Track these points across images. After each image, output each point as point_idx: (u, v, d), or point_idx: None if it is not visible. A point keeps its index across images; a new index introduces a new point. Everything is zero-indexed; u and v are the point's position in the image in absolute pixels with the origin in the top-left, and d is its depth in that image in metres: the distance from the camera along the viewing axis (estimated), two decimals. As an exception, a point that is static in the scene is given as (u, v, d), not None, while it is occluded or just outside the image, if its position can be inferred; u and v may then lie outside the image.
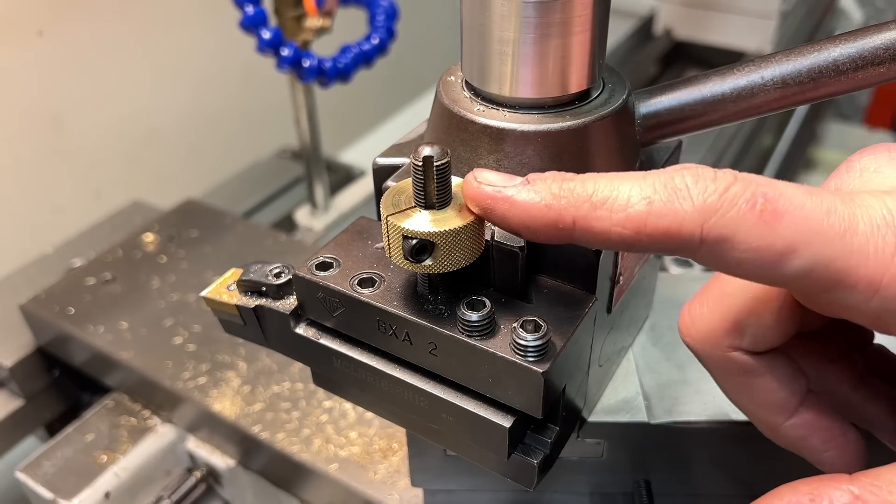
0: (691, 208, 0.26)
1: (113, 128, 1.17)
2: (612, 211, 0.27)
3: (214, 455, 0.62)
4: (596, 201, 0.27)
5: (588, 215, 0.27)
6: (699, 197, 0.26)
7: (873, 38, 0.32)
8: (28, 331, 0.71)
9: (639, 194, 0.27)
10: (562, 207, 0.28)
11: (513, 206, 0.29)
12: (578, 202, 0.28)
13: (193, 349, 0.65)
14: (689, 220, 0.26)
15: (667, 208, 0.26)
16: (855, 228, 0.26)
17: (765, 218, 0.26)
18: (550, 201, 0.28)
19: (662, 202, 0.27)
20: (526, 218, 0.28)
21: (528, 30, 0.32)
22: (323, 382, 0.40)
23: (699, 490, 0.46)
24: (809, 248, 0.26)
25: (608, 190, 0.27)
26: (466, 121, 0.34)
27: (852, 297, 0.26)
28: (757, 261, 0.26)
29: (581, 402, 0.39)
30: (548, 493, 0.47)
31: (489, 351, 0.31)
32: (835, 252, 0.26)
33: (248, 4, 0.76)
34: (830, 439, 0.34)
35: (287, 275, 0.38)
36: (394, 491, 0.53)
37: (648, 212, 0.27)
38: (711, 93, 0.35)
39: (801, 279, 0.27)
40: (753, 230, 0.26)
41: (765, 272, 0.27)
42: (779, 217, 0.26)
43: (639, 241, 0.27)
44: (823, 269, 0.26)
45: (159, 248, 0.76)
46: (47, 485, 0.60)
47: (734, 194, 0.26)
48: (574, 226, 0.28)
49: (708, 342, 0.34)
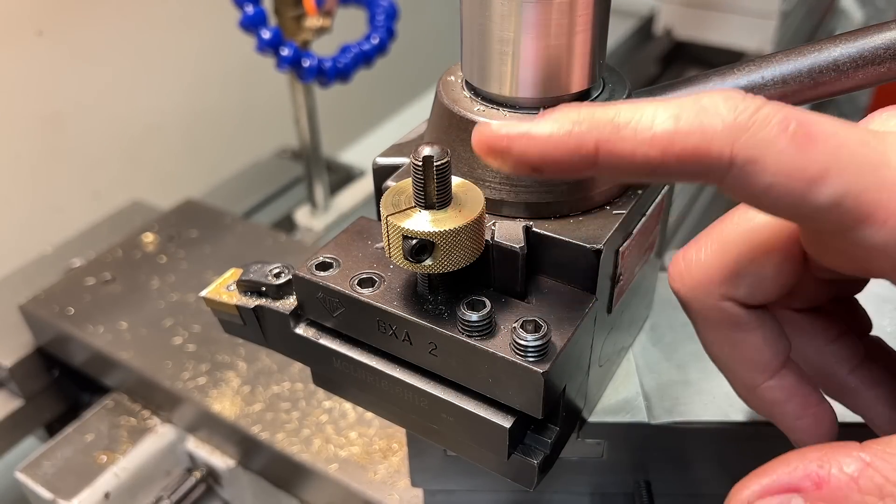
0: (721, 126, 0.25)
1: (112, 127, 1.17)
2: (636, 131, 0.26)
3: (214, 455, 0.62)
4: (619, 122, 0.26)
5: (611, 137, 0.26)
6: (730, 115, 0.25)
7: (874, 38, 0.32)
8: (28, 331, 0.71)
9: (665, 112, 0.25)
10: (583, 132, 0.26)
11: (531, 140, 0.27)
12: (600, 125, 0.26)
13: (193, 349, 0.65)
14: (718, 138, 0.25)
15: (695, 125, 0.25)
16: (888, 163, 0.25)
17: (798, 140, 0.25)
18: (570, 128, 0.26)
19: (691, 119, 0.25)
20: (546, 150, 0.27)
21: (528, 29, 0.32)
22: (323, 382, 0.40)
23: (699, 490, 0.46)
24: (842, 175, 0.25)
25: (631, 112, 0.26)
26: (466, 121, 0.34)
27: (879, 234, 0.25)
28: (787, 186, 0.25)
29: (581, 403, 0.39)
30: (548, 493, 0.47)
31: (489, 351, 0.31)
32: (867, 183, 0.25)
33: (248, 4, 0.76)
34: (807, 406, 0.33)
35: (287, 275, 0.38)
36: (394, 491, 0.53)
37: (675, 129, 0.25)
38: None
39: (828, 210, 0.25)
40: (786, 152, 0.25)
41: (793, 200, 0.25)
42: (812, 140, 0.25)
43: (665, 163, 0.26)
44: (853, 200, 0.25)
45: (159, 248, 0.76)
46: (47, 485, 0.60)
47: (766, 115, 0.25)
48: (597, 151, 0.26)
49: (701, 289, 0.32)
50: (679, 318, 0.48)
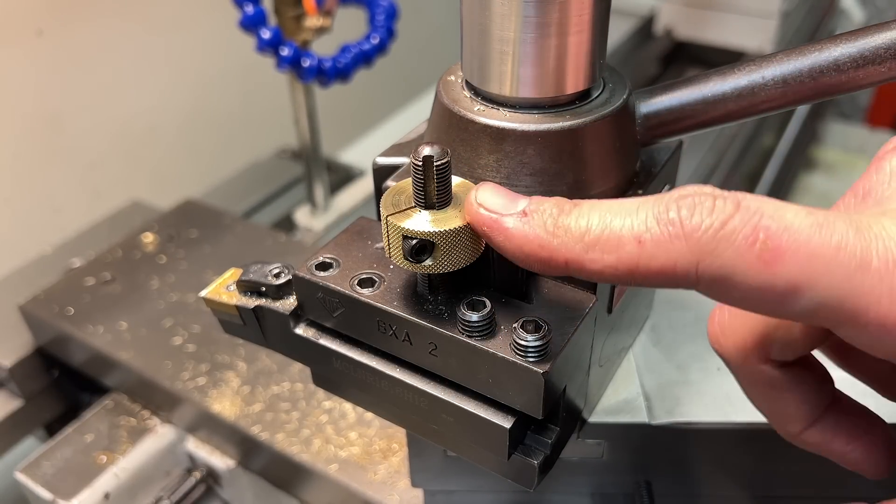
0: (684, 248, 0.25)
1: (112, 128, 1.17)
2: (603, 252, 0.26)
3: (214, 456, 0.62)
4: (588, 241, 0.26)
5: (580, 257, 0.27)
6: (693, 234, 0.24)
7: (874, 38, 0.32)
8: (27, 331, 0.71)
9: (630, 233, 0.25)
10: (553, 248, 0.27)
11: (508, 239, 0.28)
12: (570, 243, 0.27)
13: (193, 349, 0.65)
14: (682, 260, 0.25)
15: (658, 248, 0.25)
16: (868, 265, 0.24)
17: (764, 258, 0.24)
18: (543, 241, 0.27)
19: (654, 241, 0.25)
20: (520, 253, 0.28)
21: (528, 29, 0.32)
22: (323, 383, 0.40)
23: (700, 491, 0.46)
24: (815, 288, 0.24)
25: (600, 228, 0.26)
26: (466, 120, 0.34)
27: (864, 336, 0.25)
28: (759, 300, 0.25)
29: (581, 403, 0.39)
30: (548, 493, 0.47)
31: (489, 351, 0.31)
32: (844, 292, 0.24)
33: (248, 4, 0.76)
34: (854, 439, 0.33)
35: (287, 275, 0.38)
36: (394, 491, 0.53)
37: (640, 253, 0.25)
38: (712, 92, 0.35)
39: (808, 317, 0.25)
40: (752, 270, 0.24)
41: (769, 310, 0.25)
42: (780, 256, 0.24)
43: (633, 280, 0.26)
44: (831, 310, 0.24)
45: (158, 248, 0.76)
46: (47, 485, 0.60)
47: (731, 230, 0.24)
48: (567, 266, 0.27)
49: (737, 353, 0.33)
50: (679, 318, 0.48)
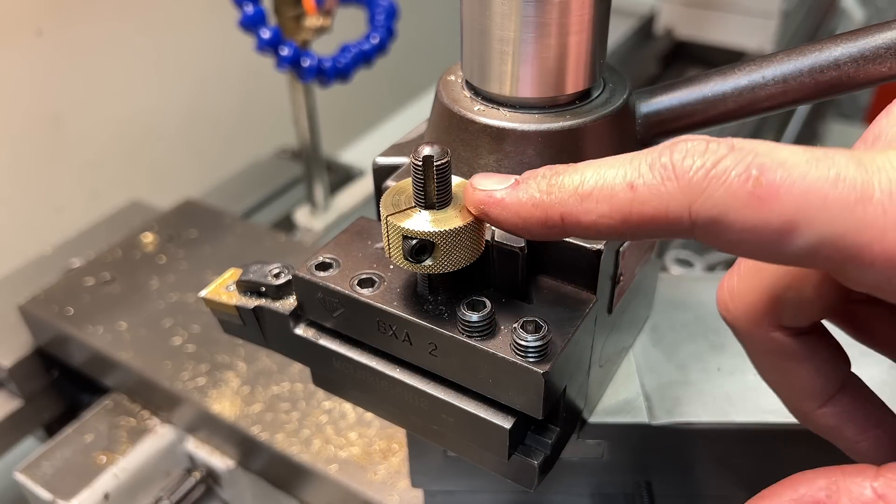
0: (675, 190, 0.24)
1: (112, 128, 1.17)
2: (597, 202, 0.26)
3: (214, 456, 0.62)
4: (582, 193, 0.26)
5: (575, 210, 0.26)
6: (685, 176, 0.24)
7: (874, 38, 0.32)
8: (27, 331, 0.70)
9: (623, 180, 0.25)
10: (548, 205, 0.27)
11: (504, 208, 0.28)
12: (565, 197, 0.27)
13: (193, 350, 0.65)
14: (674, 203, 0.24)
15: (650, 192, 0.25)
16: (869, 197, 0.23)
17: (758, 194, 0.23)
18: (537, 200, 0.27)
19: (646, 186, 0.25)
20: (517, 219, 0.28)
21: (528, 29, 0.32)
22: (322, 383, 0.40)
23: (700, 491, 0.46)
24: (812, 224, 0.23)
25: (594, 179, 0.26)
26: (467, 120, 0.34)
27: (870, 274, 0.24)
28: (756, 241, 0.24)
29: (582, 403, 0.39)
30: (548, 494, 0.47)
31: (489, 351, 0.31)
32: (843, 227, 0.23)
33: (248, 4, 0.75)
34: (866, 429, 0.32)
35: (286, 275, 0.38)
36: (394, 492, 0.53)
37: (632, 198, 0.25)
38: (712, 92, 0.35)
39: (808, 258, 0.24)
40: (746, 209, 0.23)
41: (767, 252, 0.24)
42: (774, 192, 0.23)
43: (627, 230, 0.26)
44: (832, 247, 0.23)
45: (158, 248, 0.76)
46: (46, 485, 0.60)
47: (723, 169, 0.24)
48: (563, 222, 0.27)
49: (747, 320, 0.31)
50: (679, 318, 0.48)
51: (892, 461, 0.28)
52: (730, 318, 0.32)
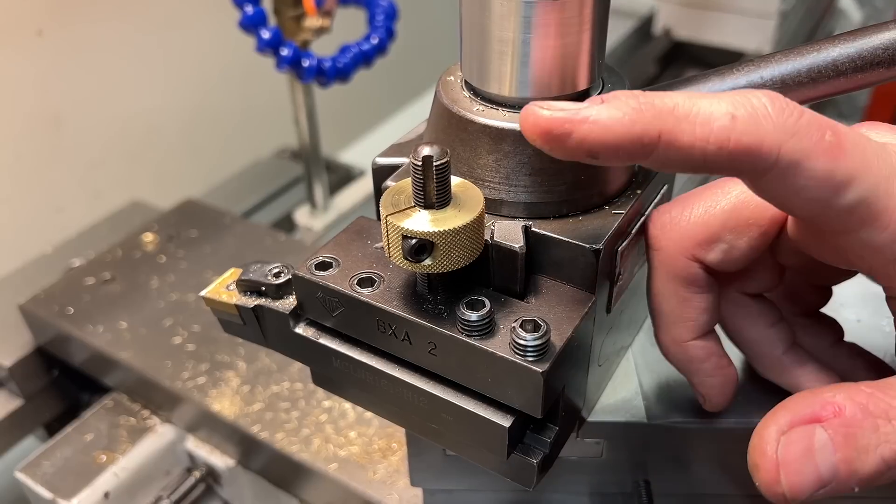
0: (772, 128, 0.27)
1: (113, 128, 1.17)
2: (695, 124, 0.27)
3: (214, 455, 0.62)
4: (679, 114, 0.27)
5: (673, 129, 0.27)
6: (779, 118, 0.27)
7: (872, 39, 0.32)
8: (27, 331, 0.71)
9: (721, 109, 0.27)
10: (647, 121, 0.27)
11: (595, 125, 0.27)
12: (663, 115, 0.27)
13: (193, 349, 0.65)
14: (769, 139, 0.27)
15: (750, 125, 0.27)
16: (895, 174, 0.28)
17: (832, 149, 0.27)
18: (635, 116, 0.27)
19: (746, 119, 0.27)
20: (608, 137, 0.27)
21: (527, 29, 0.32)
22: (322, 382, 0.40)
23: (699, 490, 0.46)
24: (863, 183, 0.27)
25: (689, 104, 0.27)
26: (466, 121, 0.34)
27: (880, 236, 0.28)
28: (817, 190, 0.27)
29: (580, 402, 0.39)
30: (547, 492, 0.47)
31: (488, 351, 0.31)
32: (881, 191, 0.27)
33: (248, 4, 0.76)
34: (719, 368, 0.38)
35: (286, 274, 0.38)
36: (393, 491, 0.53)
37: (732, 127, 0.27)
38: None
39: (845, 213, 0.28)
40: (822, 159, 0.27)
41: (819, 202, 0.28)
42: (843, 150, 0.27)
43: (719, 157, 0.27)
44: (868, 206, 0.28)
45: (159, 247, 0.76)
46: (47, 485, 0.60)
47: (808, 121, 0.27)
48: (659, 140, 0.27)
49: (677, 243, 0.35)
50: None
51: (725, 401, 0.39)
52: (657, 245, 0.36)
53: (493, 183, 0.34)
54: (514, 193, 0.34)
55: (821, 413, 0.30)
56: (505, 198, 0.34)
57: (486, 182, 0.34)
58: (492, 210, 0.35)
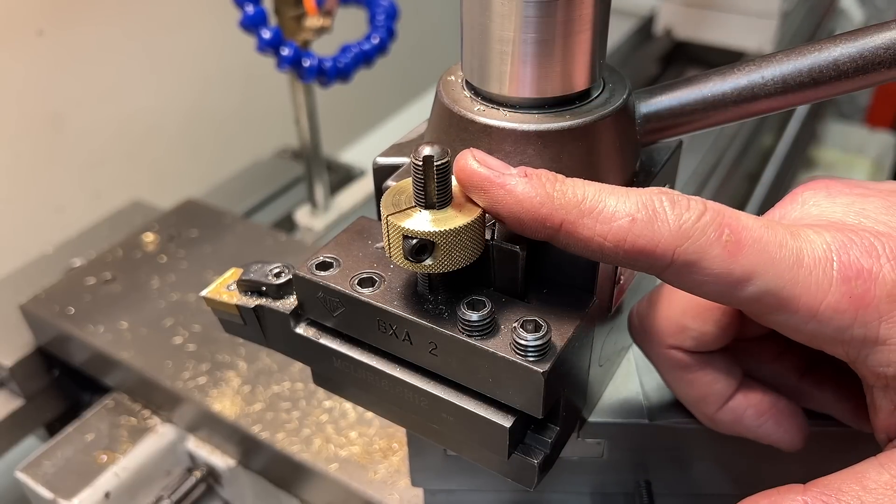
0: (668, 232, 0.28)
1: (113, 127, 1.17)
2: (597, 221, 0.29)
3: (214, 455, 0.62)
4: (584, 209, 0.29)
5: (576, 221, 0.29)
6: (675, 222, 0.29)
7: (874, 38, 0.32)
8: (28, 331, 0.71)
9: (624, 210, 0.29)
10: (554, 208, 0.29)
11: (508, 194, 0.29)
12: (569, 206, 0.29)
13: (193, 349, 0.65)
14: (664, 242, 0.28)
15: (647, 228, 0.28)
16: (801, 261, 0.29)
17: (728, 248, 0.28)
18: (545, 199, 0.29)
19: (644, 222, 0.28)
20: (518, 209, 0.29)
21: (528, 29, 0.32)
22: (323, 382, 0.40)
23: (699, 490, 0.46)
24: (763, 277, 0.29)
25: (596, 200, 0.29)
26: (467, 120, 0.34)
27: (793, 319, 0.30)
28: (717, 285, 0.29)
29: (581, 402, 0.39)
30: (548, 493, 0.47)
31: (489, 351, 0.31)
32: (784, 282, 0.29)
33: (248, 4, 0.76)
34: (762, 413, 0.38)
35: (287, 274, 0.38)
36: (394, 491, 0.53)
37: (630, 229, 0.28)
38: (712, 92, 0.35)
39: (752, 303, 0.30)
40: (717, 258, 0.28)
41: (722, 295, 0.30)
42: (741, 248, 0.29)
43: (615, 254, 0.29)
44: (773, 296, 0.29)
45: (159, 247, 0.76)
46: (47, 484, 0.60)
47: (705, 223, 0.29)
48: (560, 228, 0.29)
49: (650, 339, 0.38)
50: (679, 317, 0.48)
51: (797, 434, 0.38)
52: (636, 337, 0.39)
53: (493, 183, 0.34)
54: (514, 193, 0.34)
55: None
56: (506, 198, 0.34)
57: (487, 182, 0.34)
58: (492, 210, 0.35)
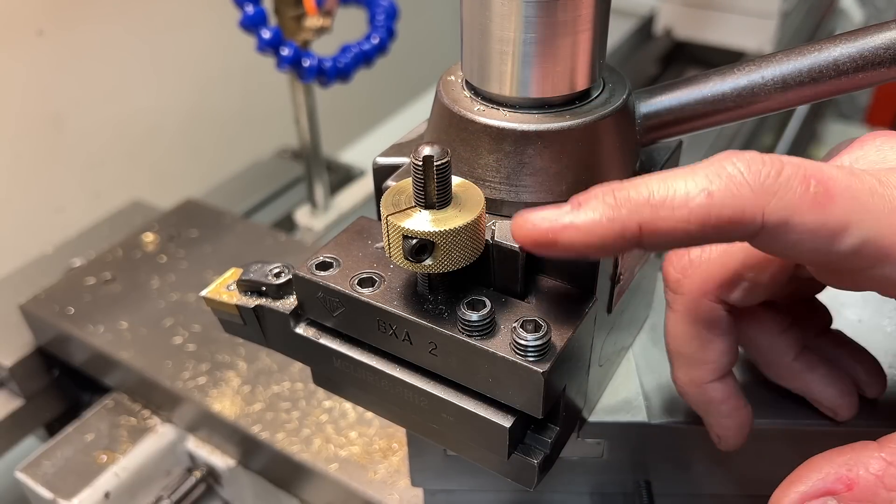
0: (751, 194, 0.26)
1: (113, 128, 1.17)
2: (673, 209, 0.27)
3: (214, 455, 0.62)
4: (655, 203, 0.27)
5: (653, 218, 0.27)
6: (756, 181, 0.26)
7: (874, 38, 0.32)
8: (28, 331, 0.71)
9: (696, 188, 0.27)
10: (624, 218, 0.27)
11: (576, 230, 0.28)
12: (639, 208, 0.27)
13: (193, 349, 0.65)
14: (750, 206, 0.26)
15: (727, 197, 0.26)
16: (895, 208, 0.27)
17: (819, 200, 0.26)
18: (611, 214, 0.28)
19: (722, 192, 0.26)
20: (592, 238, 0.28)
21: (528, 29, 0.32)
22: (323, 382, 0.40)
23: (699, 490, 0.46)
24: (860, 226, 0.27)
25: (663, 189, 0.27)
26: (467, 120, 0.34)
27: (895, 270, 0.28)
28: (813, 241, 0.27)
29: (581, 402, 0.39)
30: (548, 493, 0.47)
31: (489, 351, 0.31)
32: (882, 229, 0.27)
33: (248, 4, 0.76)
34: (736, 409, 0.38)
35: (287, 274, 0.38)
36: (394, 491, 0.53)
37: (710, 203, 0.27)
38: (712, 92, 0.35)
39: (851, 257, 0.27)
40: (809, 212, 0.26)
41: (818, 253, 0.28)
42: (831, 198, 0.27)
43: (703, 234, 0.27)
44: (873, 246, 0.27)
45: (159, 247, 0.76)
46: (47, 485, 0.60)
47: (788, 177, 0.27)
48: (641, 232, 0.28)
49: (698, 286, 0.36)
50: (679, 317, 0.48)
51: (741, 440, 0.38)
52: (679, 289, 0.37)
53: (493, 183, 0.34)
54: (514, 193, 0.34)
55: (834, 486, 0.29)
56: (506, 198, 0.34)
57: (487, 182, 0.34)
58: (492, 210, 0.35)
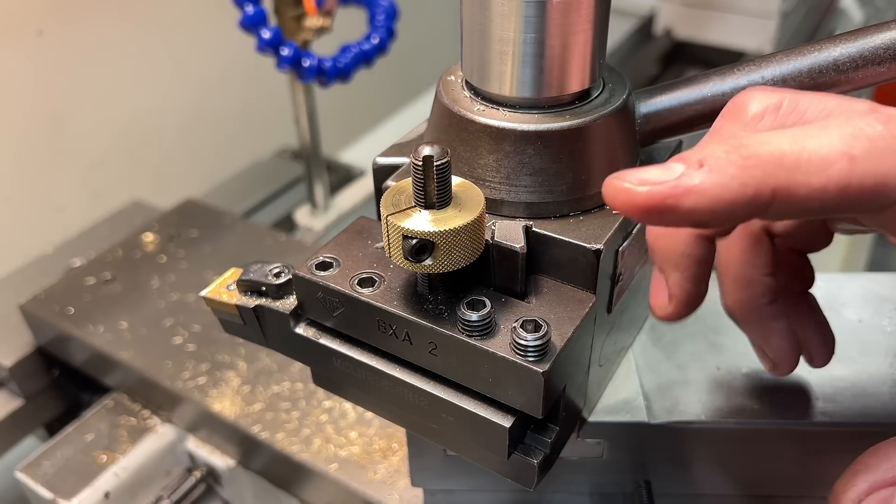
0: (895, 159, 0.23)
1: (113, 128, 1.17)
2: (810, 174, 0.23)
3: (214, 455, 0.62)
4: (789, 164, 0.23)
5: (788, 182, 0.23)
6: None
7: (874, 38, 0.32)
8: (28, 331, 0.71)
9: (835, 150, 0.23)
10: (759, 180, 0.23)
11: (701, 195, 0.23)
12: (773, 169, 0.23)
13: (193, 349, 0.65)
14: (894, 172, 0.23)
15: (871, 163, 0.23)
16: None
17: None
18: (744, 176, 0.23)
19: (865, 155, 0.23)
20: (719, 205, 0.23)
21: (528, 29, 0.32)
22: (323, 382, 0.40)
23: (699, 490, 0.46)
24: None
25: (797, 149, 0.23)
26: (466, 120, 0.34)
27: None
28: None
29: (581, 402, 0.39)
30: (548, 493, 0.47)
31: (489, 351, 0.31)
32: None
33: (248, 4, 0.76)
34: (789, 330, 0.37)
35: (287, 274, 0.38)
36: (394, 491, 0.53)
37: (851, 169, 0.23)
38: (712, 92, 0.35)
39: None
40: None
41: None
42: None
43: (838, 204, 0.23)
44: None
45: (159, 247, 0.76)
46: (47, 485, 0.60)
47: None
48: (773, 198, 0.23)
49: None
50: (679, 317, 0.48)
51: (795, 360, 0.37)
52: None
53: (493, 183, 0.34)
54: (514, 193, 0.34)
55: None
56: (505, 198, 0.34)
57: (487, 182, 0.34)
58: (492, 210, 0.35)
